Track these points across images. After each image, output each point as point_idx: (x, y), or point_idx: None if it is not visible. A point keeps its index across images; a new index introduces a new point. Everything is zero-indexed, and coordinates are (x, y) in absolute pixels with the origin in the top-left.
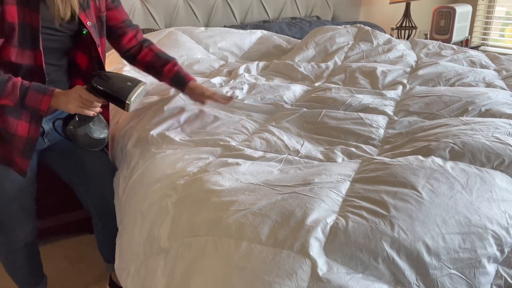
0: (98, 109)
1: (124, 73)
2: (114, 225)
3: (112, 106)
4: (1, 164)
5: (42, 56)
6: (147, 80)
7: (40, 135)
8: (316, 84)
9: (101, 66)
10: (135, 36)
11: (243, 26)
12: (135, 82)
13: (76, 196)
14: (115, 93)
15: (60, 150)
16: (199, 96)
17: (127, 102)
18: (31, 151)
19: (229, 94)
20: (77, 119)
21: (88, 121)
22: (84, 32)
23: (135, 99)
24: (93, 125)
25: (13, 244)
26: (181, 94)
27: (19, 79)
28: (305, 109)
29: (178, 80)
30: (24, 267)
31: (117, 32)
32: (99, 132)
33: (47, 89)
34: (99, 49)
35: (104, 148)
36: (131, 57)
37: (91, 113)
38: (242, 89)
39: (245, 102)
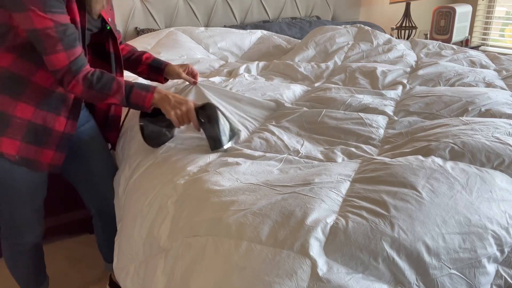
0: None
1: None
2: (114, 225)
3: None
4: (24, 167)
5: (87, 54)
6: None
7: None
8: (316, 84)
9: (118, 60)
10: (119, 38)
11: (243, 26)
12: (234, 132)
13: (79, 195)
14: (216, 135)
15: (68, 148)
16: (176, 77)
17: (223, 147)
18: (66, 146)
19: (228, 88)
20: (166, 121)
21: (173, 127)
22: (108, 27)
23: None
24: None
25: (21, 246)
26: (193, 94)
27: (121, 78)
28: (305, 109)
29: (157, 64)
30: (29, 268)
31: None
32: (168, 136)
33: (149, 87)
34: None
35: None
36: None
37: (179, 126)
38: (242, 83)
39: (246, 94)
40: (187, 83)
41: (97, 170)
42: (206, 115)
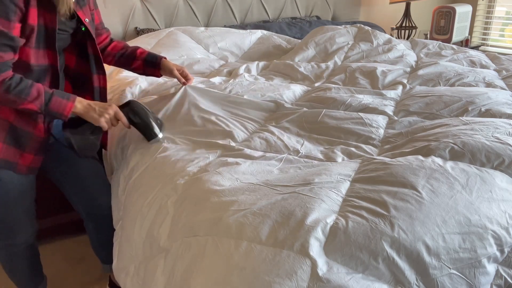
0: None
1: (122, 75)
2: (105, 226)
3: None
4: (5, 169)
5: (57, 56)
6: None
7: None
8: (316, 84)
9: (99, 61)
10: (108, 36)
11: (243, 26)
12: (160, 121)
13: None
14: (149, 126)
15: (53, 151)
16: (168, 73)
17: (159, 136)
18: (45, 148)
19: (227, 90)
20: (90, 129)
21: (99, 133)
22: (83, 29)
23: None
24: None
25: (14, 247)
26: (179, 94)
27: (40, 85)
28: (305, 109)
29: (152, 59)
30: (25, 269)
31: (96, 32)
32: (98, 142)
33: (69, 96)
34: (97, 45)
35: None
36: (101, 51)
37: (108, 129)
38: (242, 84)
39: (245, 96)
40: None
41: (85, 172)
42: (133, 112)
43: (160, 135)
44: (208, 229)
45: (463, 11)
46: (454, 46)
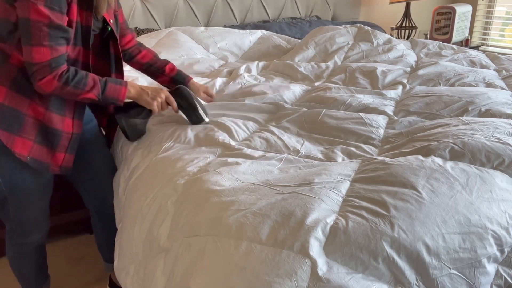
0: None
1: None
2: (113, 225)
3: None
4: (33, 167)
5: (90, 54)
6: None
7: None
8: (316, 84)
9: (119, 61)
10: (133, 38)
11: (243, 26)
12: (205, 108)
13: (79, 195)
14: (196, 110)
15: None
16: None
17: (205, 120)
18: (75, 147)
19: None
20: (139, 113)
21: (147, 118)
22: (109, 29)
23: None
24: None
25: (26, 246)
26: None
27: (93, 74)
28: (305, 109)
29: (180, 78)
30: (33, 268)
31: (120, 32)
32: (145, 126)
33: (121, 81)
34: (119, 46)
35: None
36: (129, 57)
37: (159, 113)
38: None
39: (246, 101)
40: None
41: (99, 170)
42: (182, 96)
43: (206, 119)
44: (208, 229)
45: (463, 11)
46: (454, 46)
